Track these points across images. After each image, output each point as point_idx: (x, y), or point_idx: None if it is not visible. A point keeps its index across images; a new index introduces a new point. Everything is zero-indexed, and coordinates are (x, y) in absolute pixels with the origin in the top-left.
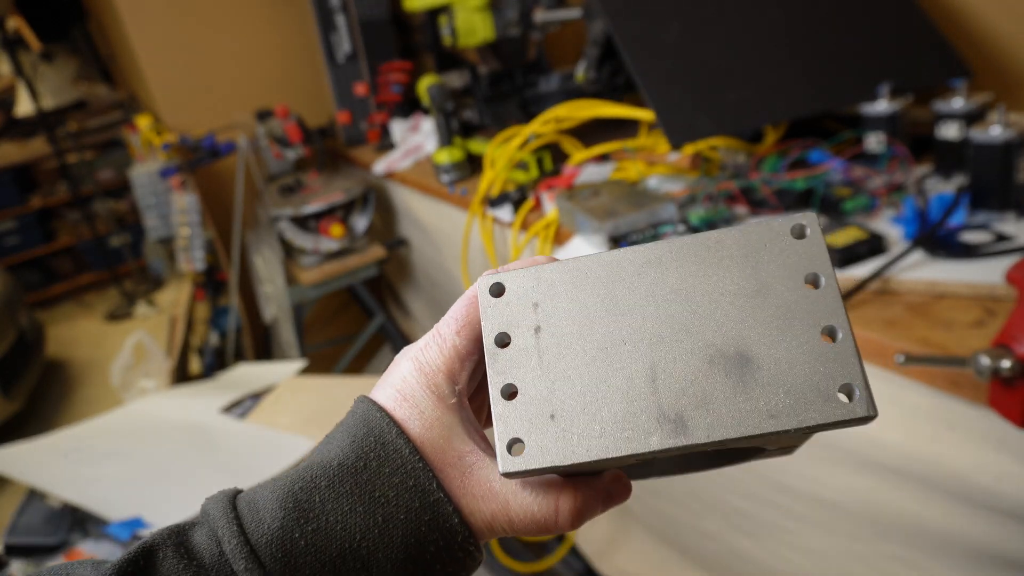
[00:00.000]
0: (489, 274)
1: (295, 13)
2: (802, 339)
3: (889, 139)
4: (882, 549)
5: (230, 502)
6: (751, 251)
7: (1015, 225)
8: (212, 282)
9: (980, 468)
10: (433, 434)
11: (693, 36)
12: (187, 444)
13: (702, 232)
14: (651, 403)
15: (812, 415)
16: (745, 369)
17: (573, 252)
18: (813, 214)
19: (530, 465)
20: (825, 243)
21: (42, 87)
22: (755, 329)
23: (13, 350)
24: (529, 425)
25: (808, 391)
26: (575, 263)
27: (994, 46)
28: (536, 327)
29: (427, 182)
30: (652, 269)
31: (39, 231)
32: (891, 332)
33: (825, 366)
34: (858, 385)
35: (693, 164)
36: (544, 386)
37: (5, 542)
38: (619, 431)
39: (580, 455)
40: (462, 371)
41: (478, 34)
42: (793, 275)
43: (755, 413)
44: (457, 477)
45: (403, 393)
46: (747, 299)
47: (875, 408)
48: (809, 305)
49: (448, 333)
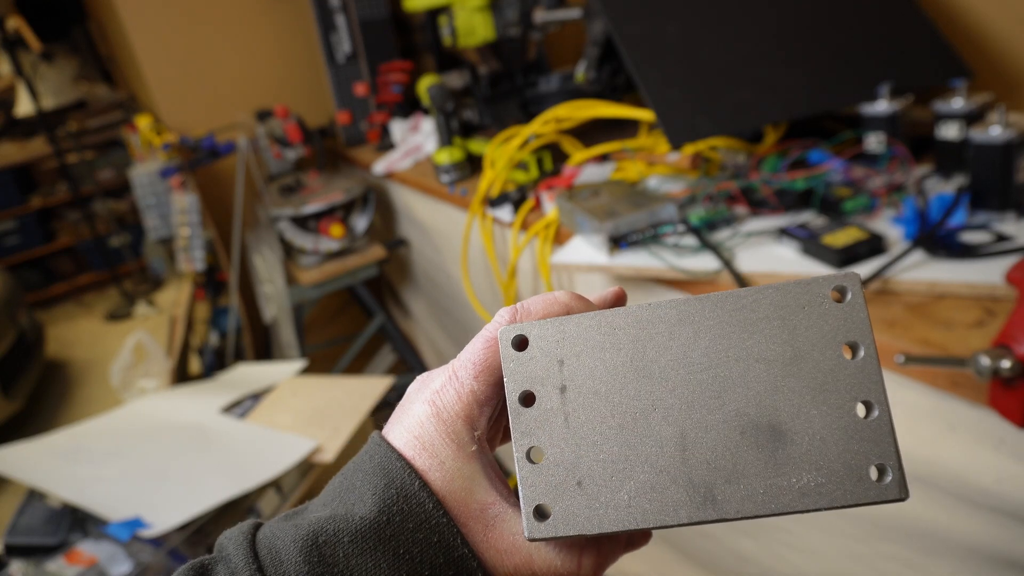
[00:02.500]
0: (506, 321)
1: (295, 13)
2: (837, 413)
3: (889, 139)
4: (882, 549)
5: (250, 544)
6: (788, 313)
7: (1015, 225)
8: (212, 282)
9: (980, 468)
10: (455, 486)
11: (693, 36)
12: (187, 444)
13: (738, 290)
14: (680, 474)
15: (843, 496)
16: (777, 442)
17: (573, 252)
18: (857, 275)
19: (556, 532)
20: (866, 308)
21: (42, 87)
22: (789, 400)
23: (13, 350)
24: (555, 491)
25: (840, 469)
26: (602, 318)
27: (994, 46)
28: (562, 386)
29: (427, 182)
30: (684, 329)
31: (39, 231)
32: (891, 332)
33: (859, 444)
34: (892, 466)
35: (693, 164)
36: (571, 451)
37: (5, 542)
38: (647, 502)
39: (607, 525)
40: (481, 416)
41: (478, 34)
42: (831, 342)
43: (786, 490)
44: (480, 531)
45: (422, 441)
46: (782, 367)
47: (907, 491)
48: (846, 376)
49: (466, 377)
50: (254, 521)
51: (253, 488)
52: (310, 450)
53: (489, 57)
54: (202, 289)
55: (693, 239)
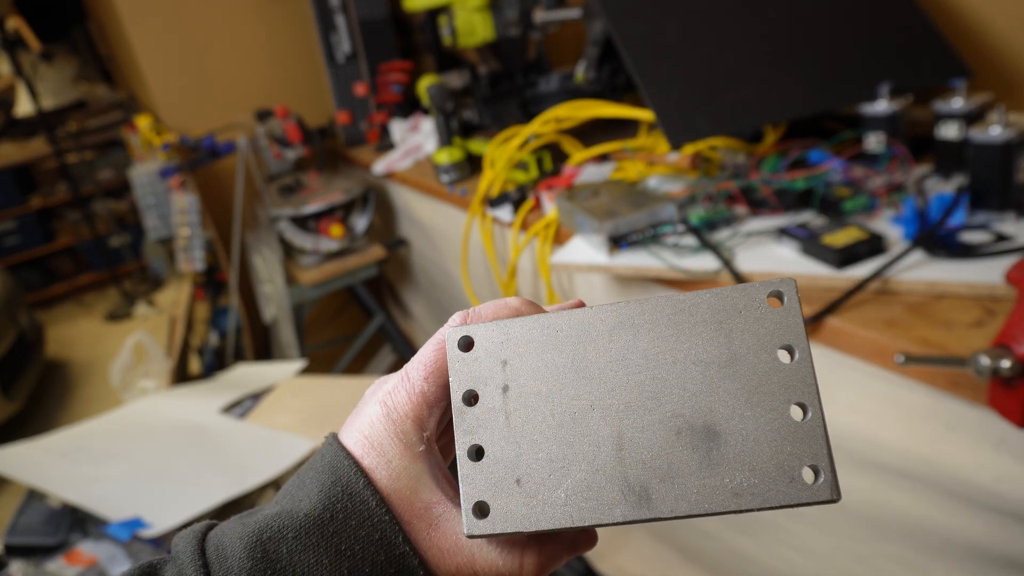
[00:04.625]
0: (457, 324)
1: (295, 13)
2: (771, 414)
3: (889, 139)
4: (882, 549)
5: (199, 544)
6: (726, 317)
7: (1015, 225)
8: (212, 282)
9: (980, 468)
10: (400, 484)
11: (693, 36)
12: (187, 444)
13: (677, 294)
14: (616, 473)
15: (775, 496)
16: (712, 443)
17: (573, 252)
18: (792, 281)
19: (495, 529)
20: (802, 312)
21: (42, 87)
22: (724, 401)
23: (13, 350)
24: (495, 488)
25: (773, 470)
26: (546, 320)
27: (994, 46)
28: (504, 386)
29: (427, 182)
30: (624, 332)
31: (39, 231)
32: (891, 332)
33: (792, 445)
34: (824, 467)
35: (693, 164)
36: (511, 449)
37: (5, 542)
38: (584, 500)
39: (544, 523)
40: (430, 417)
41: (478, 34)
42: (767, 345)
43: (719, 490)
44: (424, 529)
45: (371, 440)
46: (718, 369)
47: (839, 492)
48: (781, 378)
49: (416, 378)
50: (208, 522)
51: (253, 488)
52: (310, 450)
53: (489, 57)
54: (202, 289)
55: (693, 239)
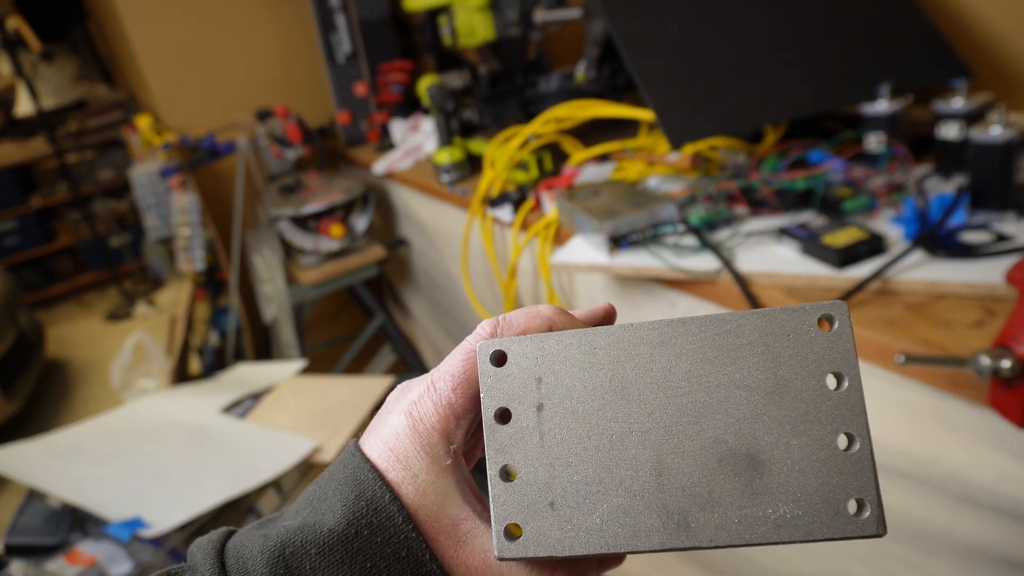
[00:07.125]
0: (487, 334)
1: (295, 13)
2: (817, 444)
3: (889, 139)
4: (882, 549)
5: (218, 555)
6: (773, 340)
7: (1015, 225)
8: (212, 282)
9: (980, 468)
10: (427, 500)
11: (693, 36)
12: (187, 444)
13: (722, 313)
14: (655, 499)
15: (819, 529)
16: (755, 472)
17: (573, 252)
18: (844, 304)
19: (527, 553)
20: (853, 338)
21: (42, 87)
22: (769, 429)
23: (13, 350)
24: (527, 511)
25: (818, 502)
26: (584, 336)
27: (994, 46)
28: (539, 405)
29: (427, 182)
30: (665, 351)
31: (39, 231)
32: (891, 332)
33: (839, 476)
34: (870, 501)
35: (693, 164)
36: (545, 471)
37: (5, 542)
38: (620, 526)
39: (578, 547)
40: (458, 430)
41: (478, 34)
42: (815, 372)
43: (761, 521)
44: (451, 547)
45: (396, 453)
46: (764, 395)
47: (885, 527)
48: (829, 407)
49: (444, 389)
50: (226, 529)
51: (253, 488)
52: (310, 450)
53: (489, 57)
54: (202, 289)
55: (693, 239)
